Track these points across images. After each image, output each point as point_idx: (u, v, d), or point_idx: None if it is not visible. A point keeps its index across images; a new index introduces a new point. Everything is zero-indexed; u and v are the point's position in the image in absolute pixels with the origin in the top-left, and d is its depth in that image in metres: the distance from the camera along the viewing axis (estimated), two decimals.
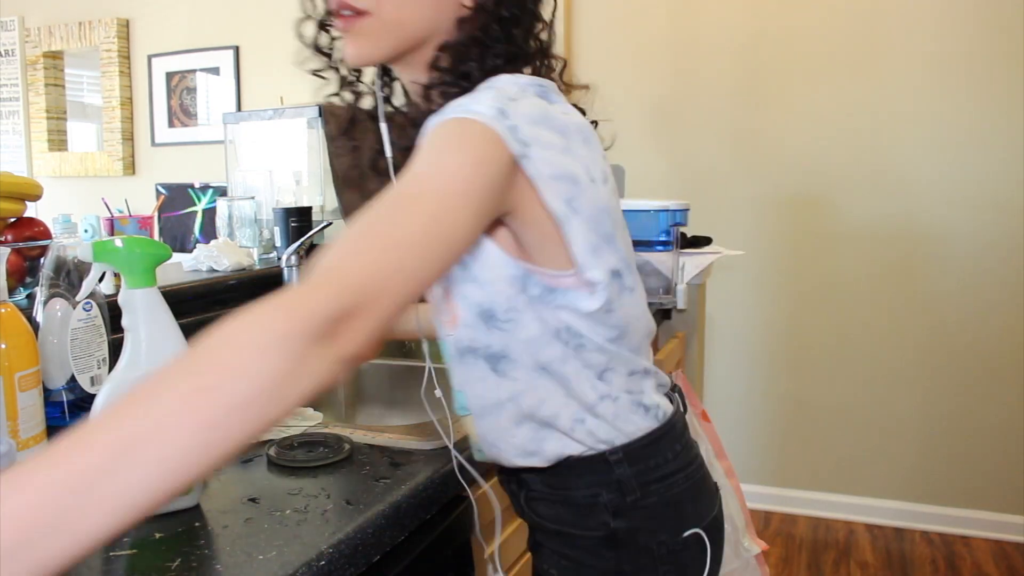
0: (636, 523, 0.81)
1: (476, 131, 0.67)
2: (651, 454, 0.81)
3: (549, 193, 0.70)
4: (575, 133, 0.76)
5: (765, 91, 2.85)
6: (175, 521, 0.80)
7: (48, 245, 1.10)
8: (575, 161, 0.74)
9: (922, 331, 2.75)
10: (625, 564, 0.81)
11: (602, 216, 0.75)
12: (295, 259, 1.59)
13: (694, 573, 0.83)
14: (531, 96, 0.74)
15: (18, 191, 1.20)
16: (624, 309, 0.78)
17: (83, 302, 1.06)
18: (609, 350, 0.78)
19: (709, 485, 0.88)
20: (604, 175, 0.78)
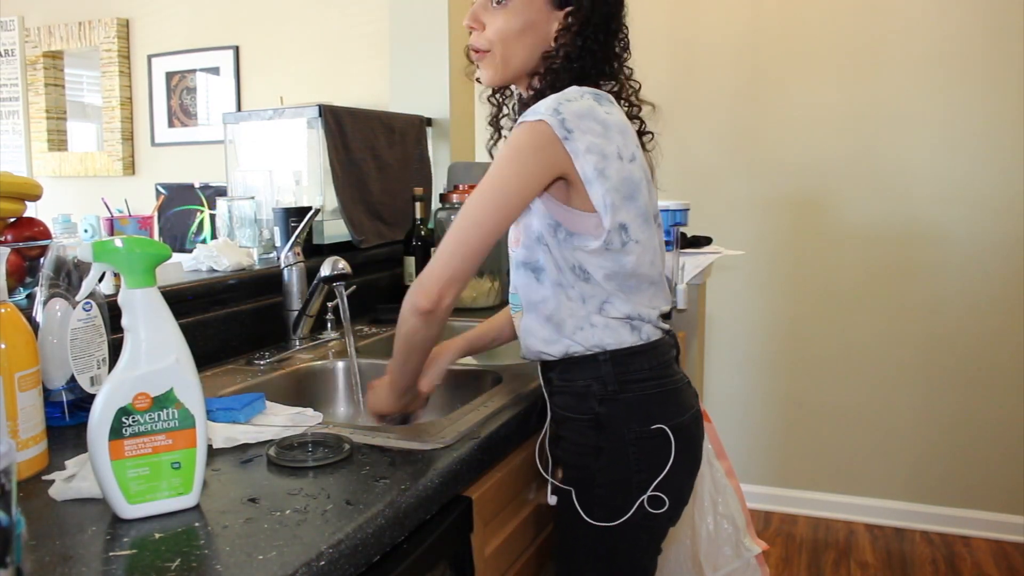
0: (614, 411, 1.09)
1: (530, 130, 1.02)
2: (631, 361, 1.09)
3: (581, 162, 1.03)
4: (613, 126, 1.07)
5: (765, 91, 2.85)
6: (175, 521, 0.80)
7: (48, 245, 1.10)
8: (609, 143, 1.05)
9: (922, 331, 2.75)
10: (603, 443, 1.09)
11: (625, 183, 1.06)
12: (292, 256, 1.59)
13: (658, 461, 1.08)
14: (586, 99, 1.06)
15: (18, 191, 1.20)
16: (623, 254, 1.07)
17: (83, 302, 1.06)
18: (606, 286, 1.08)
19: (682, 399, 1.13)
20: (633, 156, 1.09)
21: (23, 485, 0.87)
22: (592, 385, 1.09)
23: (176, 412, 0.82)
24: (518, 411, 1.17)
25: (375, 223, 2.00)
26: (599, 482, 1.10)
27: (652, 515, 1.09)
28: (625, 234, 1.06)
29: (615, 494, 1.09)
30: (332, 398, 1.49)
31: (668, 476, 1.08)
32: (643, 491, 1.08)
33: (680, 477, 1.12)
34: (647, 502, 1.08)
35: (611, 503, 1.09)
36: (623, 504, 1.08)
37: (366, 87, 3.18)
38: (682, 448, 1.09)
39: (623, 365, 1.09)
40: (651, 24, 2.92)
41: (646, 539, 1.13)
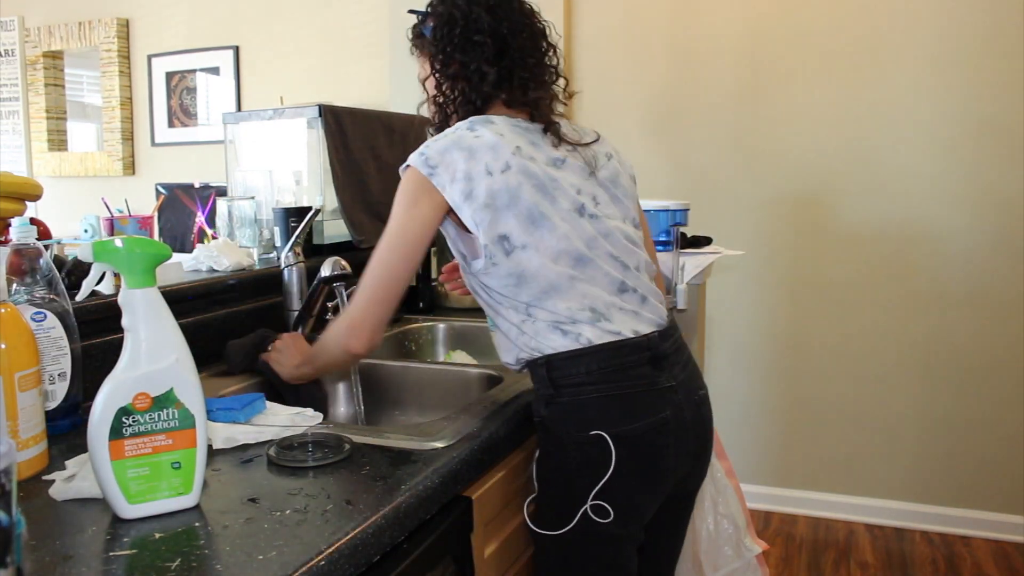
0: (553, 414, 1.11)
1: (407, 178, 1.12)
2: (566, 366, 1.09)
3: (449, 192, 1.08)
4: (481, 147, 1.10)
5: (765, 91, 2.85)
6: (175, 521, 0.80)
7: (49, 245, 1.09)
8: (476, 164, 1.08)
9: (922, 331, 2.75)
10: (549, 446, 1.12)
11: (497, 195, 1.08)
12: (293, 257, 1.59)
13: (599, 466, 1.06)
14: (457, 131, 1.12)
15: (18, 191, 1.20)
16: (513, 263, 1.09)
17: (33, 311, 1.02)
18: (517, 297, 1.11)
19: (636, 405, 1.09)
20: (506, 165, 1.10)
21: (23, 485, 0.87)
22: (540, 389, 1.13)
23: (176, 412, 0.82)
24: (518, 411, 1.17)
25: (375, 223, 2.00)
26: (545, 489, 1.12)
27: (598, 525, 1.07)
28: (508, 243, 1.09)
29: (558, 501, 1.10)
30: (332, 398, 1.49)
31: (611, 485, 1.06)
32: (583, 500, 1.07)
33: (629, 488, 1.08)
34: (590, 510, 1.07)
35: (555, 511, 1.10)
36: (567, 512, 1.08)
37: (366, 87, 3.18)
38: (628, 456, 1.07)
39: (558, 370, 1.09)
40: (651, 24, 2.92)
41: (596, 552, 1.10)
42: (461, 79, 1.19)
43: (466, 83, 1.18)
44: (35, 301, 1.03)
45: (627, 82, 2.97)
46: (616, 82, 2.96)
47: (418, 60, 1.28)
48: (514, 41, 1.18)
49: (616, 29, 2.96)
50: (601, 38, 2.97)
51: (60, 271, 1.10)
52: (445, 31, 1.19)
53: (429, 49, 1.22)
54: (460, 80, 1.19)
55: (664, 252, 2.00)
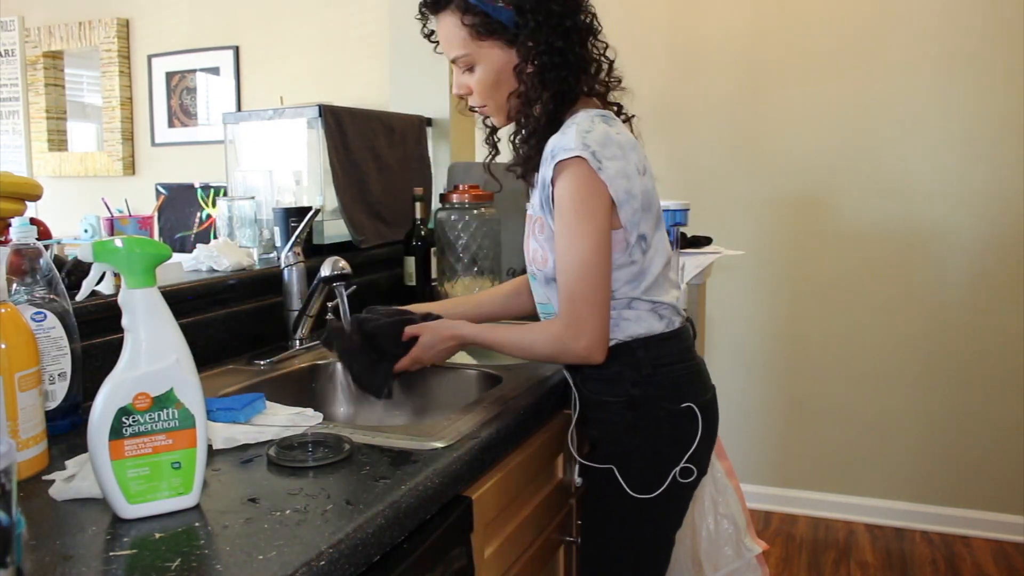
0: (647, 392, 1.19)
1: (576, 172, 1.11)
2: (661, 346, 1.20)
3: (614, 188, 1.12)
4: (626, 144, 1.16)
5: (765, 91, 2.85)
6: (175, 521, 0.80)
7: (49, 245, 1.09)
8: (628, 163, 1.14)
9: (922, 331, 2.75)
10: (639, 420, 1.19)
11: (645, 197, 1.16)
12: (292, 257, 1.59)
13: (687, 436, 1.20)
14: (598, 124, 1.14)
15: (18, 191, 1.20)
16: (643, 261, 1.18)
17: (33, 311, 1.02)
18: (625, 291, 1.18)
19: (703, 380, 1.26)
20: (645, 168, 1.19)
21: (23, 485, 0.87)
22: (625, 371, 1.19)
23: (176, 412, 0.82)
24: (518, 411, 1.17)
25: (375, 223, 2.00)
26: (635, 457, 1.20)
27: (681, 486, 1.20)
28: (644, 243, 1.17)
29: (650, 467, 1.19)
30: (332, 398, 1.49)
31: (696, 449, 1.19)
32: (675, 464, 1.19)
33: (704, 450, 1.23)
34: (679, 474, 1.19)
35: (647, 476, 1.19)
36: (657, 477, 1.19)
37: (366, 87, 3.18)
38: (706, 424, 1.21)
39: (655, 350, 1.19)
40: (651, 24, 2.92)
41: (673, 509, 1.25)
42: (561, 68, 1.15)
43: (567, 73, 1.16)
44: (35, 301, 1.03)
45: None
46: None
47: (471, 42, 1.17)
48: (593, 28, 1.22)
49: (616, 29, 2.95)
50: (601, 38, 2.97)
51: (60, 271, 1.10)
52: (541, 17, 1.14)
53: (507, 36, 1.16)
54: (560, 70, 1.15)
55: None
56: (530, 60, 1.15)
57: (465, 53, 1.19)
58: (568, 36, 1.16)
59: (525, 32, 1.14)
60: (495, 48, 1.17)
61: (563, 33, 1.15)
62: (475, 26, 1.16)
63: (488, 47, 1.17)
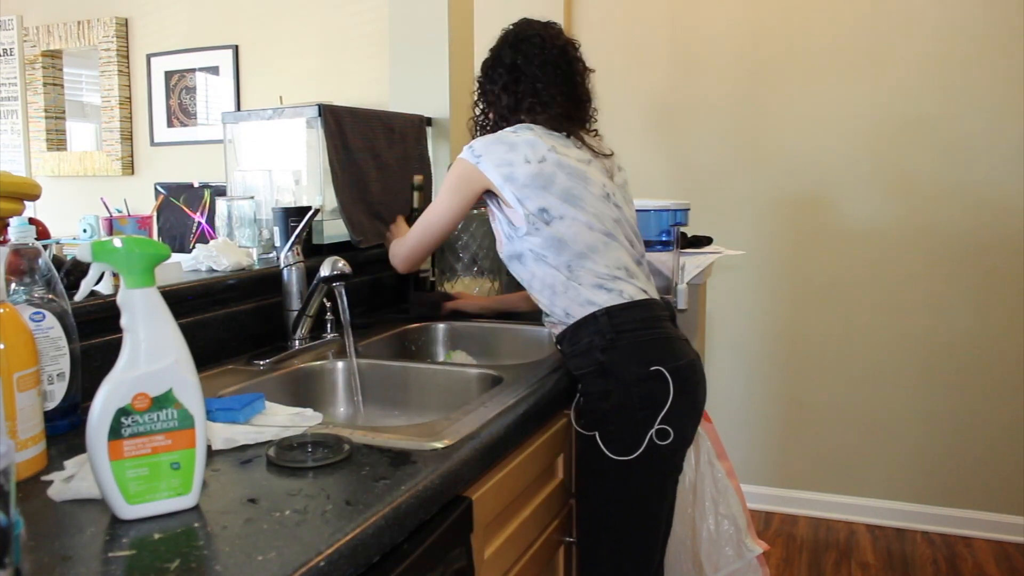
0: (614, 357, 1.31)
1: (456, 166, 1.46)
2: (622, 314, 1.33)
3: (492, 175, 1.40)
4: (520, 142, 1.40)
5: (765, 91, 2.85)
6: (174, 521, 0.79)
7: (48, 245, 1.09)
8: (516, 154, 1.39)
9: (923, 331, 2.75)
10: (611, 386, 1.31)
11: (535, 178, 1.37)
12: (292, 256, 1.58)
13: (660, 397, 1.29)
14: (504, 131, 1.45)
15: (17, 191, 1.20)
16: (553, 230, 1.36)
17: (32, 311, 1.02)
18: (551, 257, 1.37)
19: (675, 348, 1.35)
20: (543, 157, 1.39)
21: (22, 485, 0.87)
22: (594, 339, 1.32)
23: (175, 412, 0.82)
24: (518, 411, 1.17)
25: (374, 223, 2.00)
26: (611, 421, 1.30)
27: (659, 448, 1.29)
28: (547, 214, 1.36)
29: (625, 430, 1.29)
30: (332, 398, 1.48)
31: (669, 412, 1.28)
32: (650, 426, 1.28)
33: (681, 415, 1.31)
34: (655, 435, 1.28)
35: (624, 438, 1.29)
36: (634, 439, 1.29)
37: (366, 87, 3.18)
38: (679, 390, 1.30)
39: (617, 317, 1.32)
40: (651, 24, 2.92)
41: (654, 473, 1.33)
42: (489, 104, 1.53)
43: (491, 107, 1.53)
44: (34, 301, 1.03)
45: (627, 82, 2.96)
46: (616, 82, 2.96)
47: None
48: (528, 70, 1.48)
49: (616, 29, 2.96)
50: (601, 38, 2.97)
51: (59, 271, 1.09)
52: (485, 66, 1.54)
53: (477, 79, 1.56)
54: (489, 105, 1.53)
55: (664, 252, 1.99)
56: (478, 97, 1.58)
57: None
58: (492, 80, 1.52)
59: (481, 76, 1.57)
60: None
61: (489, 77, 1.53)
62: None
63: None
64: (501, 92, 1.50)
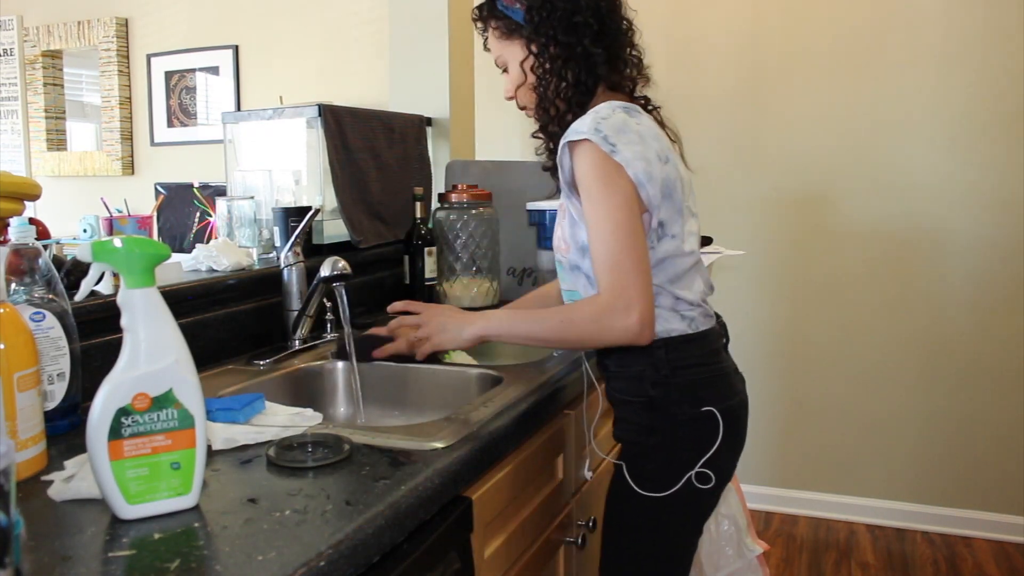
0: (666, 393, 1.18)
1: (588, 153, 1.12)
2: (682, 348, 1.18)
3: (632, 169, 1.12)
4: (646, 133, 1.17)
5: (765, 91, 2.85)
6: (174, 521, 0.79)
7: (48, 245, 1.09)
8: (648, 149, 1.15)
9: (922, 331, 2.75)
10: (657, 423, 1.19)
11: (665, 184, 1.16)
12: (292, 257, 1.58)
13: (707, 441, 1.18)
14: (618, 113, 1.16)
15: (17, 191, 1.20)
16: (663, 249, 1.17)
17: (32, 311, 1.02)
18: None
19: (729, 383, 1.24)
20: (667, 158, 1.19)
21: (22, 485, 0.87)
22: (646, 370, 1.18)
23: (175, 412, 0.82)
24: (518, 412, 1.17)
25: (374, 223, 2.00)
26: (651, 458, 1.20)
27: (698, 490, 1.19)
28: (662, 230, 1.17)
29: (665, 469, 1.19)
30: (332, 398, 1.48)
31: (715, 455, 1.18)
32: (691, 467, 1.18)
33: (724, 458, 1.21)
34: (695, 478, 1.18)
35: (661, 477, 1.18)
36: (672, 478, 1.18)
37: (366, 87, 3.18)
38: (729, 430, 1.19)
39: (676, 351, 1.18)
40: (651, 23, 2.91)
41: (690, 513, 1.24)
42: (569, 60, 1.20)
43: (575, 64, 1.20)
44: (34, 301, 1.03)
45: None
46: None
47: (499, 43, 1.27)
48: (611, 21, 1.22)
49: None
50: None
51: (59, 271, 1.09)
52: (544, 14, 1.19)
53: (523, 33, 1.22)
54: (567, 62, 1.20)
55: None
56: (538, 54, 1.21)
57: (498, 54, 1.29)
58: (575, 31, 1.19)
59: (532, 28, 1.20)
60: (516, 46, 1.24)
61: (569, 28, 1.18)
62: (500, 28, 1.26)
63: (511, 46, 1.25)
64: (592, 46, 1.19)
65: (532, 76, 1.23)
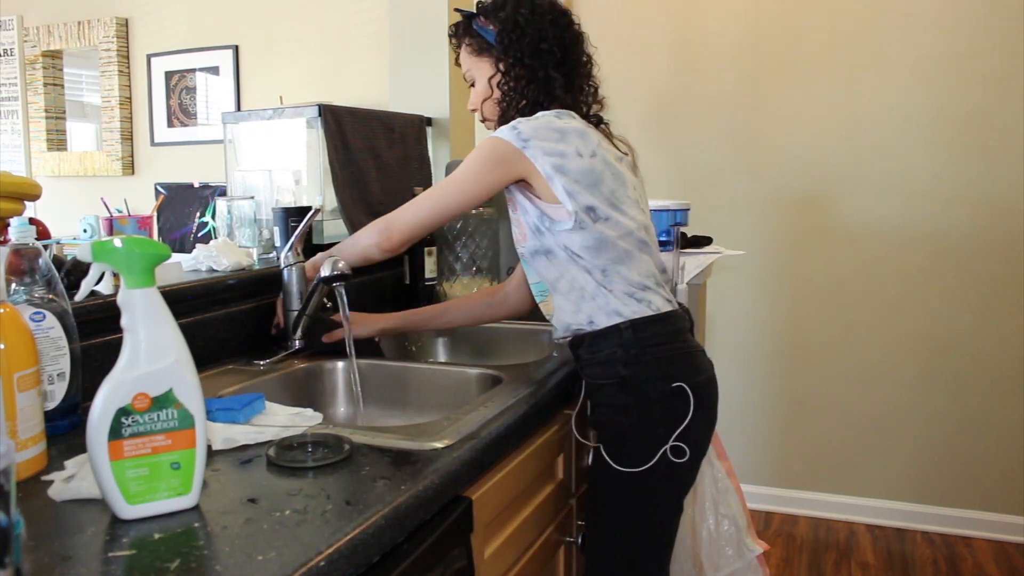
0: (637, 372, 1.26)
1: (492, 145, 1.28)
2: (647, 327, 1.27)
3: (540, 163, 1.26)
4: (571, 131, 1.29)
5: (765, 91, 2.85)
6: (174, 521, 0.79)
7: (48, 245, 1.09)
8: (567, 146, 1.27)
9: (922, 331, 2.75)
10: (631, 400, 1.26)
11: (586, 174, 1.27)
12: (292, 256, 1.58)
13: (679, 414, 1.25)
14: (543, 116, 1.29)
15: (17, 191, 1.20)
16: (597, 230, 1.26)
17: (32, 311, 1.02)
18: (587, 258, 1.27)
19: (697, 362, 1.31)
20: (593, 152, 1.29)
21: (22, 485, 0.87)
22: (616, 351, 1.26)
23: (175, 412, 0.82)
24: (518, 411, 1.17)
25: None
26: (628, 436, 1.27)
27: (674, 464, 1.25)
28: (593, 213, 1.26)
29: (642, 445, 1.25)
30: (332, 398, 1.48)
31: (687, 429, 1.25)
32: (666, 441, 1.24)
33: (698, 430, 1.27)
34: (670, 452, 1.24)
35: (638, 453, 1.25)
36: (649, 453, 1.25)
37: (366, 87, 3.18)
38: (699, 405, 1.26)
39: (642, 331, 1.26)
40: (651, 23, 2.92)
41: (669, 488, 1.30)
42: (531, 82, 1.34)
43: (535, 86, 1.34)
44: (34, 301, 1.03)
45: (627, 81, 2.96)
46: (616, 81, 2.95)
47: (471, 59, 1.40)
48: (573, 53, 1.37)
49: (616, 28, 2.96)
50: (601, 37, 2.95)
51: (59, 271, 1.09)
52: (514, 37, 1.34)
53: (494, 52, 1.37)
54: (530, 83, 1.34)
55: (664, 252, 1.99)
56: (504, 72, 1.36)
57: (468, 68, 1.42)
58: (540, 56, 1.33)
59: (501, 48, 1.35)
60: (486, 63, 1.38)
61: (535, 53, 1.33)
62: (473, 46, 1.39)
63: (481, 63, 1.39)
64: (552, 71, 1.34)
65: (497, 91, 1.37)
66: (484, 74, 1.39)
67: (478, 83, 1.41)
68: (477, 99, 1.42)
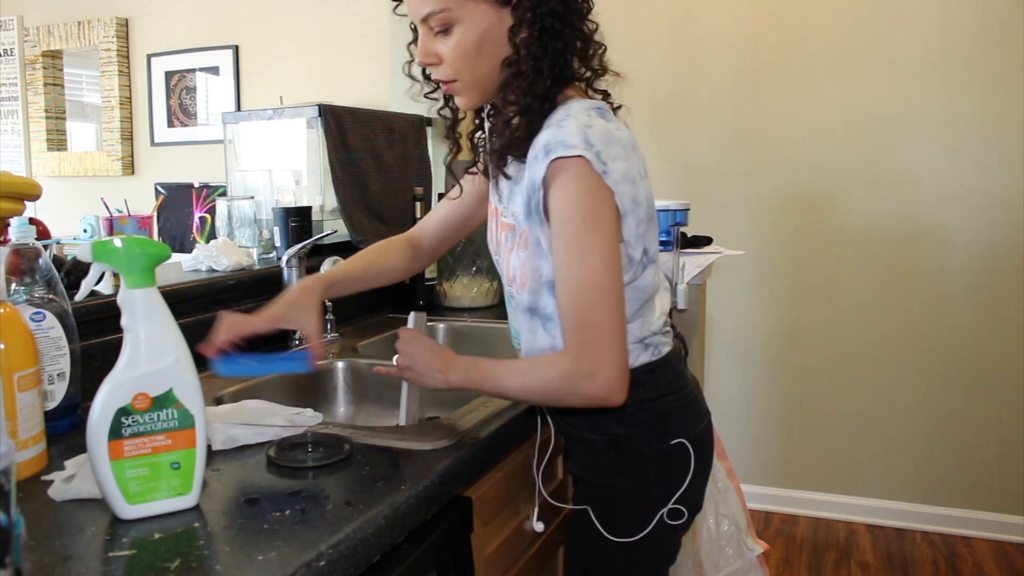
0: (633, 430, 1.06)
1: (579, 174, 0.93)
2: (647, 380, 1.06)
3: (619, 196, 0.95)
4: (627, 143, 1.00)
5: (765, 91, 2.85)
6: (175, 521, 0.79)
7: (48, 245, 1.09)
8: (632, 166, 0.98)
9: (923, 331, 2.75)
10: (625, 461, 1.07)
11: (648, 205, 1.02)
12: (295, 261, 1.58)
13: (679, 475, 1.08)
14: (596, 119, 0.98)
15: (17, 191, 1.20)
16: (646, 277, 1.04)
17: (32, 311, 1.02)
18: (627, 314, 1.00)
19: (696, 409, 1.12)
20: (645, 171, 1.04)
21: (22, 485, 0.87)
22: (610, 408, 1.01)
23: (175, 412, 0.82)
24: (518, 411, 1.17)
25: (374, 223, 2.00)
26: (621, 500, 1.08)
27: (670, 528, 1.09)
28: (646, 257, 1.03)
29: (636, 510, 1.08)
30: (332, 398, 1.48)
31: (687, 488, 1.08)
32: (663, 504, 1.07)
33: (697, 486, 1.11)
34: (666, 515, 1.08)
35: (632, 519, 1.08)
36: (643, 519, 1.07)
37: (366, 87, 3.17)
38: (698, 457, 1.09)
39: (640, 385, 1.02)
40: (651, 22, 2.92)
41: (662, 553, 1.14)
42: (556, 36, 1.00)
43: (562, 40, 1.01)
44: (34, 301, 1.03)
45: (627, 81, 2.96)
46: (616, 81, 2.95)
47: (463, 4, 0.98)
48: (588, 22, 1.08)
49: (616, 28, 2.95)
50: (601, 36, 2.96)
51: (59, 271, 1.09)
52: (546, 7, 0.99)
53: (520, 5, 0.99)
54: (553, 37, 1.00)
55: (664, 252, 1.99)
56: (529, 24, 0.98)
57: (443, 9, 0.98)
58: (570, 4, 1.02)
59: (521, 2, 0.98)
60: (483, 5, 0.98)
61: (563, 12, 1.01)
62: None
63: (474, 4, 0.98)
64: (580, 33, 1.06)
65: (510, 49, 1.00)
66: (481, 21, 0.99)
67: (464, 32, 0.99)
68: (460, 54, 1.00)
